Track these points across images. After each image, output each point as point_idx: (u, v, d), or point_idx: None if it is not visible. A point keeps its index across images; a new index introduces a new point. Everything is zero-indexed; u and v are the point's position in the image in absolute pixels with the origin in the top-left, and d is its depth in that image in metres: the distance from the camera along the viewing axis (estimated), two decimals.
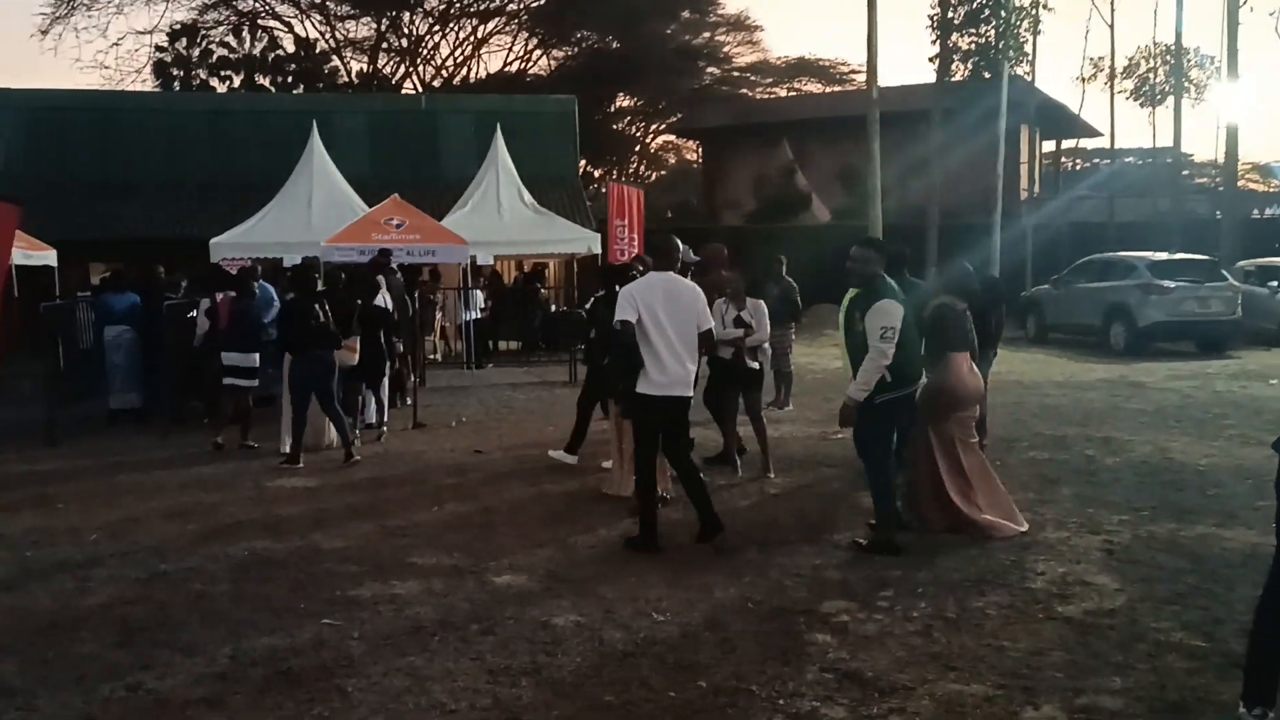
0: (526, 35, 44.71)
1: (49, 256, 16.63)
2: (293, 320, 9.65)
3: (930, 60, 26.61)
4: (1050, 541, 6.69)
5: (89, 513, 7.88)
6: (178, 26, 40.72)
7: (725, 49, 46.66)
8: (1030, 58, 27.71)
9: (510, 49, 45.41)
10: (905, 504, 7.00)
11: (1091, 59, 50.64)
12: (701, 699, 4.40)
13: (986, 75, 26.05)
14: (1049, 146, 42.85)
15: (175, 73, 40.83)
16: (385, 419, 11.19)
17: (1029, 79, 29.06)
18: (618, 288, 7.14)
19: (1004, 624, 5.23)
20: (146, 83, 40.85)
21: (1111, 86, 32.94)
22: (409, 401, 12.37)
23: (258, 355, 10.57)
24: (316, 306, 9.63)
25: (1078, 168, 51.24)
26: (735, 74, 47.46)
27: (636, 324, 6.46)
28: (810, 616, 5.36)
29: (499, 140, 19.52)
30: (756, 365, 8.91)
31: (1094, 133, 41.68)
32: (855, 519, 7.28)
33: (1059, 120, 37.18)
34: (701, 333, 6.68)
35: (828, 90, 45.65)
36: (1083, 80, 40.35)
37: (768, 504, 7.84)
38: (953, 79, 26.70)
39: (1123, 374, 15.21)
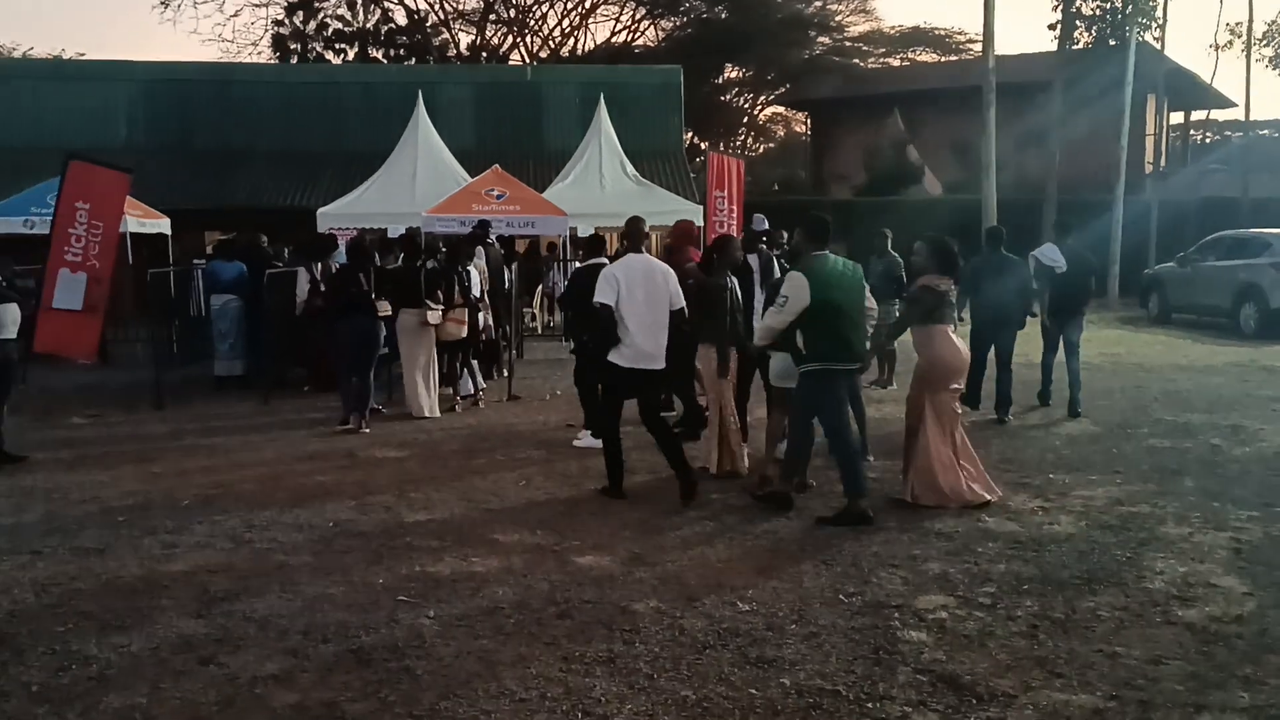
0: (634, 5, 44.32)
1: (162, 224, 17.00)
2: (336, 287, 9.99)
3: (1050, 27, 25.55)
4: (1170, 538, 6.22)
5: (184, 477, 7.96)
6: (294, 0, 41.45)
7: (837, 18, 45.52)
8: (1160, 23, 26.28)
9: (618, 19, 45.12)
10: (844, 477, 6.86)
11: (1228, 24, 48.20)
12: (783, 698, 4.13)
13: (1112, 42, 24.91)
14: (1178, 118, 40.84)
15: (292, 46, 41.63)
16: (478, 388, 11.18)
17: (1157, 46, 27.57)
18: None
19: (1117, 628, 4.83)
20: (263, 54, 41.78)
21: (1248, 54, 30.98)
22: (505, 374, 12.30)
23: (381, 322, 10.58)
24: (361, 275, 9.84)
25: (1209, 141, 48.76)
26: (847, 44, 46.25)
27: (615, 304, 6.93)
28: (905, 612, 5.03)
29: (602, 111, 19.28)
30: None
31: (1228, 103, 39.43)
32: (957, 507, 6.90)
33: (1189, 90, 35.28)
34: (674, 311, 7.13)
35: (943, 60, 44.26)
36: (1216, 47, 38.35)
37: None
38: (1075, 46, 25.59)
39: (1253, 358, 14.32)
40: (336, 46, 42.15)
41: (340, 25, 42.14)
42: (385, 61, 40.77)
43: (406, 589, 5.38)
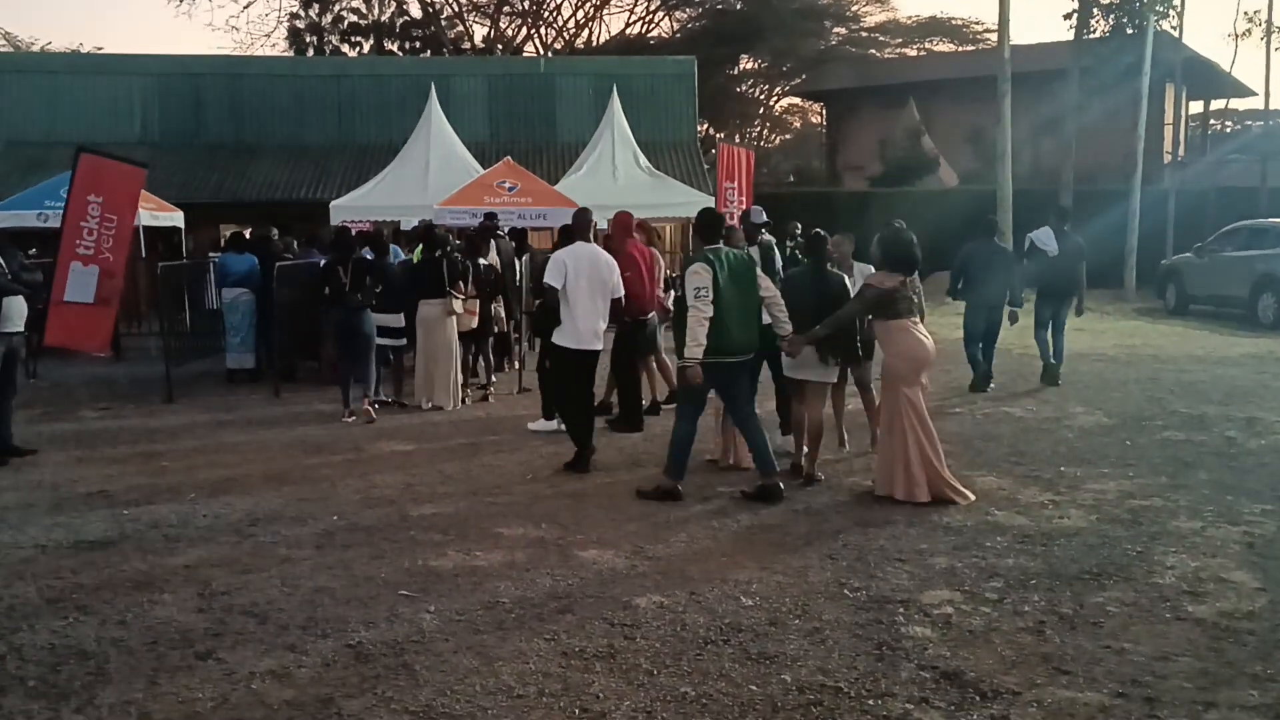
0: None
1: (176, 217, 17.03)
2: (322, 282, 10.13)
3: (1066, 17, 25.27)
4: (1182, 532, 6.12)
5: (191, 471, 7.95)
6: None
7: (853, 8, 45.27)
8: (1177, 10, 25.94)
9: (632, 10, 44.92)
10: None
11: (1246, 12, 47.55)
12: (784, 695, 4.07)
13: (1129, 30, 24.62)
14: (1196, 107, 40.41)
15: (308, 39, 41.71)
16: (489, 381, 11.19)
17: (1175, 34, 27.26)
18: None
19: (1126, 624, 4.75)
20: (277, 46, 41.90)
21: (1268, 42, 30.57)
22: (516, 366, 12.26)
23: (403, 315, 10.60)
24: (340, 269, 9.93)
25: (1228, 129, 48.26)
26: (863, 34, 46.01)
27: (562, 289, 7.56)
28: (910, 607, 4.96)
29: (615, 103, 19.18)
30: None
31: (1247, 92, 38.97)
32: (966, 499, 6.83)
33: (1208, 78, 34.90)
34: (614, 299, 7.85)
35: (959, 50, 43.94)
36: (1236, 35, 37.66)
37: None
38: (1091, 35, 25.31)
39: (1271, 349, 14.15)
40: (352, 39, 42.22)
41: (355, 18, 42.22)
42: (400, 54, 40.77)
43: (408, 583, 5.34)
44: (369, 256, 10.72)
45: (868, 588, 5.23)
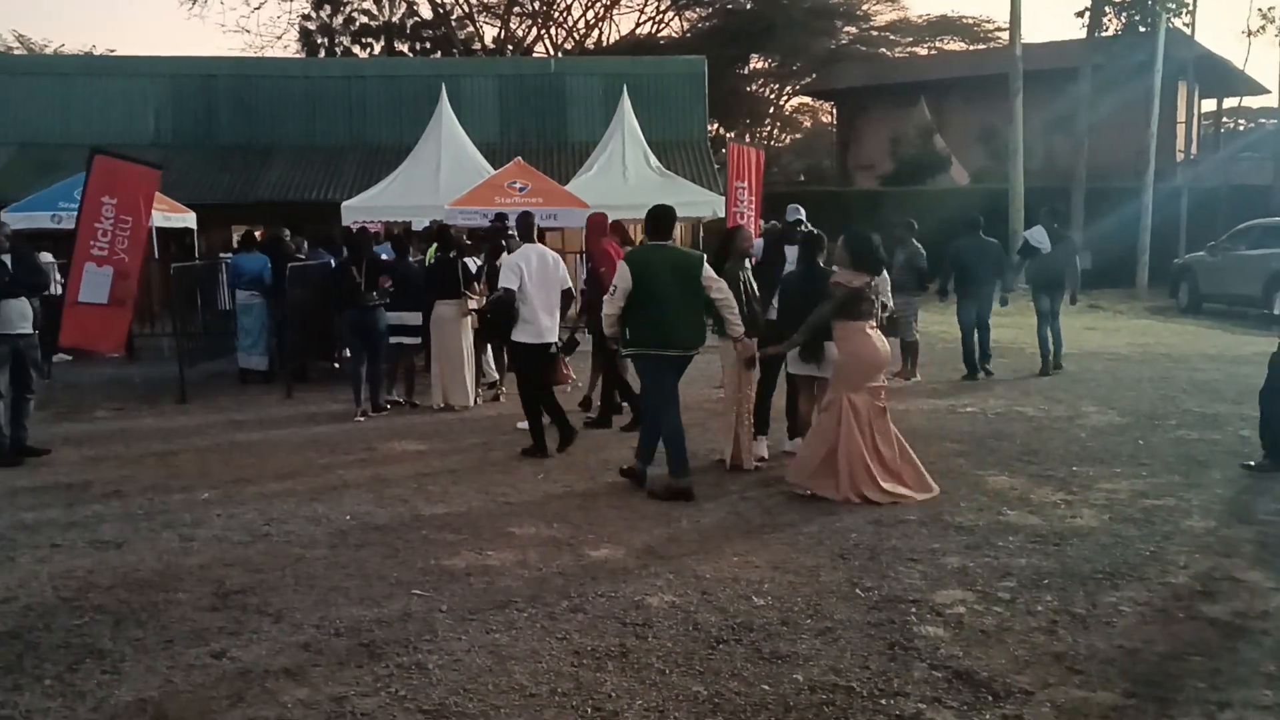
0: None
1: (188, 218, 17.11)
2: (337, 281, 10.29)
3: (1079, 15, 25.21)
4: (1195, 531, 6.11)
5: (205, 471, 7.99)
6: None
7: (864, 7, 45.18)
8: (1190, 8, 25.86)
9: (642, 10, 44.96)
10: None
11: (1260, 9, 47.36)
12: (796, 694, 4.07)
13: (1141, 28, 24.53)
14: (1209, 105, 40.23)
15: (319, 40, 41.81)
16: (502, 380, 11.22)
17: (1188, 31, 27.17)
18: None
19: (1139, 623, 4.74)
20: (288, 48, 42.04)
21: None
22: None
23: (420, 314, 10.62)
24: (355, 269, 10.05)
25: (1240, 127, 48.04)
26: (873, 33, 45.91)
27: (520, 288, 8.11)
28: (922, 607, 4.95)
29: (625, 103, 19.18)
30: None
31: (1260, 89, 38.81)
32: (980, 499, 6.82)
33: (1220, 76, 34.74)
34: (563, 290, 8.45)
35: (970, 48, 43.82)
36: (1249, 33, 37.56)
37: None
38: (1104, 33, 25.22)
39: None
40: (363, 40, 42.29)
41: (366, 19, 42.30)
42: (411, 55, 40.83)
43: (420, 582, 5.36)
44: (388, 256, 10.78)
45: (880, 587, 5.22)
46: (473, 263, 10.80)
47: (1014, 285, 12.11)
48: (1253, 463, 7.60)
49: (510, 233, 12.72)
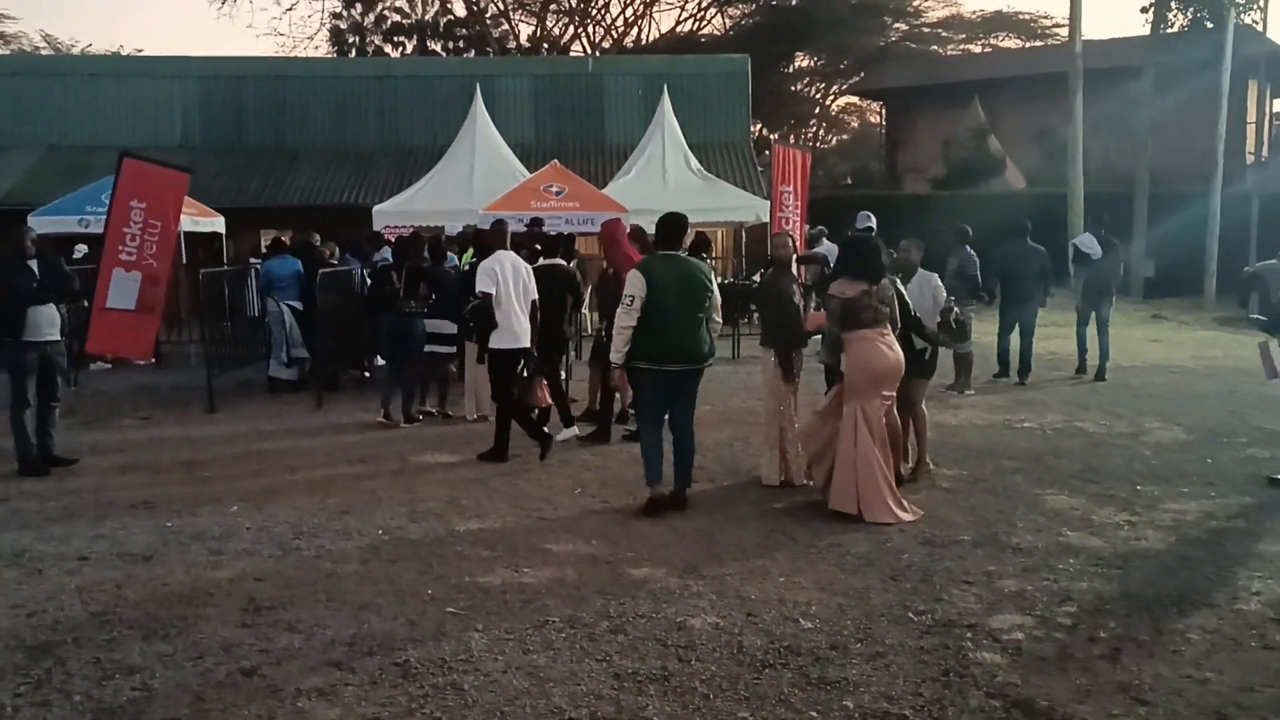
0: None
1: (217, 223, 17.35)
2: (373, 285, 10.49)
3: (1143, 10, 24.96)
4: (1268, 555, 6.02)
5: (233, 482, 8.09)
6: None
7: (914, 3, 45.00)
8: (1260, 3, 25.54)
9: (683, 8, 44.98)
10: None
11: None
12: None
13: (1208, 24, 24.26)
14: None
15: (350, 40, 42.29)
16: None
17: (1258, 27, 26.83)
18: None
19: (1208, 652, 4.68)
20: (320, 48, 42.53)
21: None
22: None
23: (456, 323, 10.62)
24: (394, 274, 10.26)
25: None
26: (924, 29, 45.71)
27: (496, 293, 8.47)
28: (978, 631, 4.92)
29: (665, 103, 19.24)
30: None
31: None
32: (1038, 519, 6.77)
33: None
34: (532, 299, 8.84)
35: (1027, 46, 43.50)
36: None
37: (937, 500, 7.36)
38: (1168, 29, 24.96)
39: None
40: (395, 39, 42.70)
41: (398, 17, 42.72)
42: (444, 54, 41.16)
43: (455, 600, 5.40)
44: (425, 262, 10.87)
45: (933, 610, 5.20)
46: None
47: (1051, 290, 12.71)
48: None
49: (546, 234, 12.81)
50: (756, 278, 13.68)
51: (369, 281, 11.66)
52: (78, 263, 12.90)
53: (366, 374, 13.06)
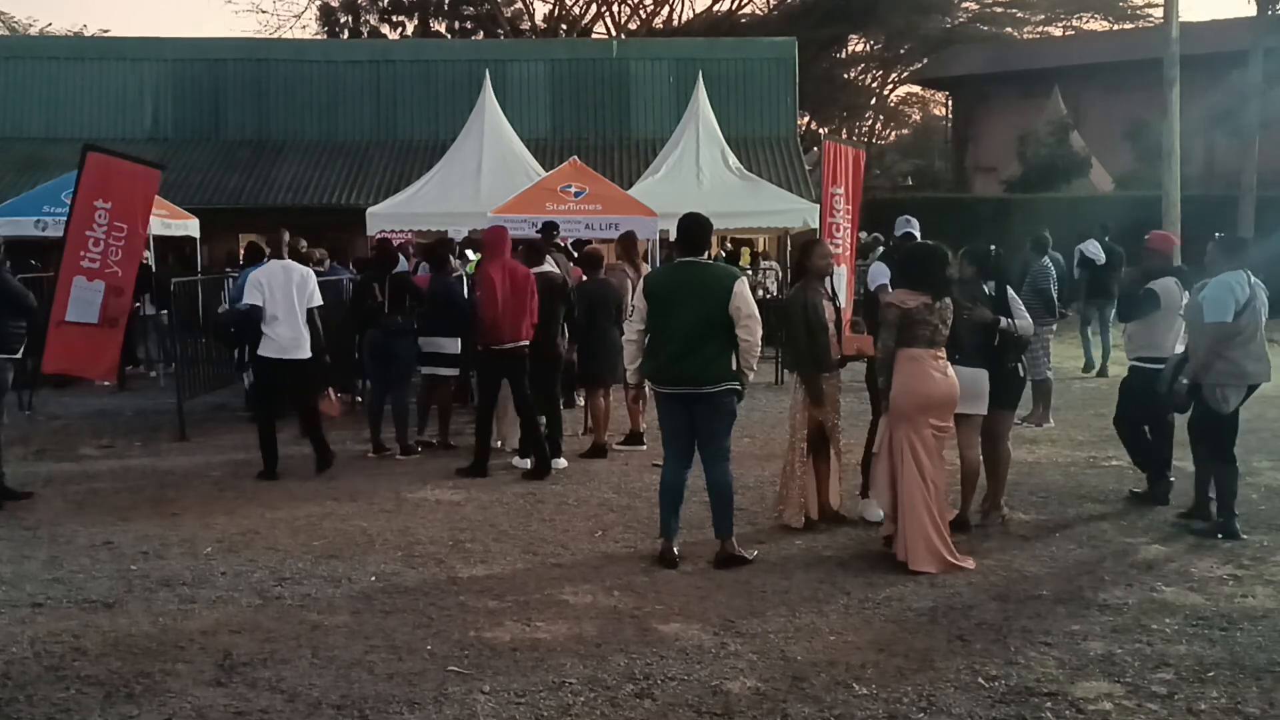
0: None
1: (190, 226, 17.54)
2: (353, 300, 10.71)
3: None
4: None
5: (207, 520, 8.15)
6: None
7: None
8: None
9: None
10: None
11: None
12: None
13: None
14: None
15: (342, 18, 42.68)
16: None
17: None
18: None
19: None
20: (308, 28, 42.99)
21: None
22: (580, 401, 12.34)
23: (460, 340, 10.70)
24: (376, 286, 10.33)
25: None
26: (997, 10, 45.84)
27: (262, 304, 9.43)
28: (1059, 701, 4.90)
29: (700, 92, 19.34)
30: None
31: None
32: (1129, 572, 6.73)
33: None
34: (310, 308, 9.69)
35: (1115, 29, 43.50)
36: None
37: (1012, 549, 7.33)
38: (1278, 10, 24.88)
39: None
40: (393, 19, 43.05)
41: None
42: (448, 36, 41.48)
43: (458, 658, 5.42)
44: (423, 272, 10.94)
45: (1007, 676, 5.18)
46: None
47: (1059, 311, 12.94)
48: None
49: (561, 246, 12.89)
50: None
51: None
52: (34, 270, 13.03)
53: (358, 399, 13.14)
